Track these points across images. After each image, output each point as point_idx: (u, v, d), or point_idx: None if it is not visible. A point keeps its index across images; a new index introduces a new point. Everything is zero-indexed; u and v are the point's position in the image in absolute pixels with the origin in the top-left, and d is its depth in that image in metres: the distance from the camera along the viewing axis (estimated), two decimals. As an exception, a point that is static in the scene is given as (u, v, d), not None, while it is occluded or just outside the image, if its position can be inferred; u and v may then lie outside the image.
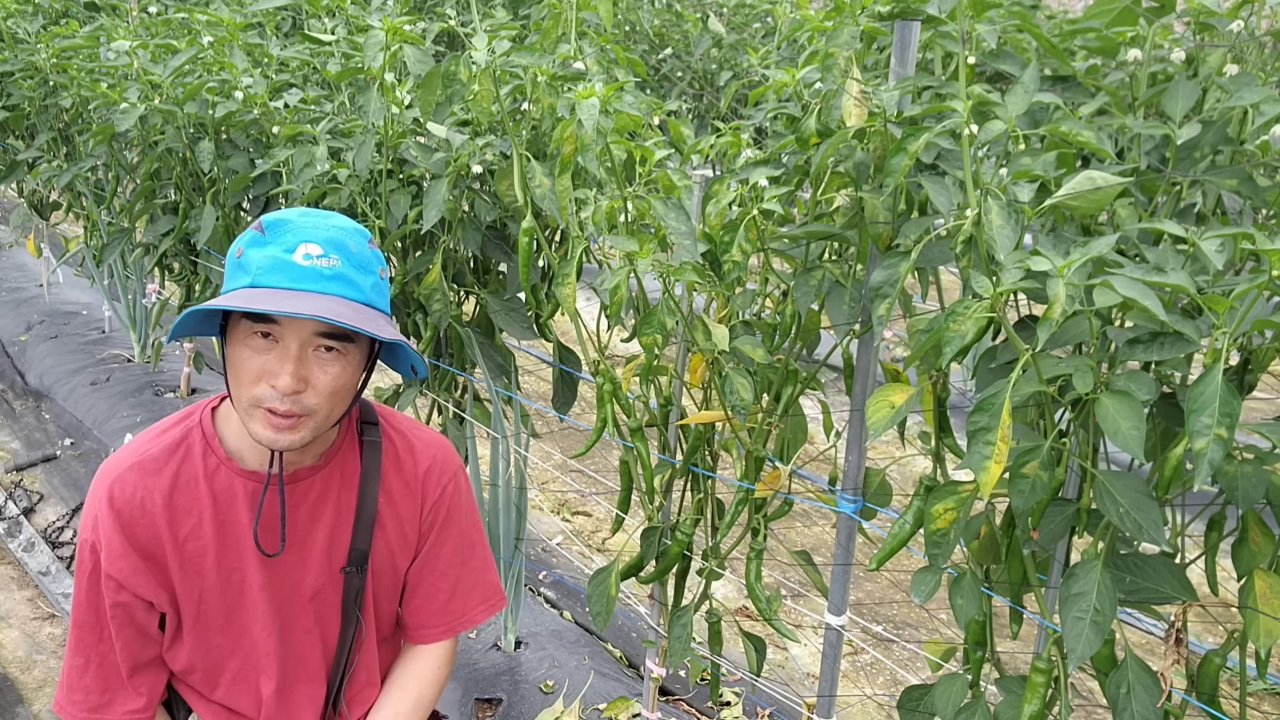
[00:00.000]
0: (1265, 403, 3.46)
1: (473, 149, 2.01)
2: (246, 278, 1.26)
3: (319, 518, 1.45)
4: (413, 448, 1.51)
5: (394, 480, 1.50)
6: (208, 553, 1.38)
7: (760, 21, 5.46)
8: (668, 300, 1.62)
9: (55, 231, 6.57)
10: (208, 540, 1.38)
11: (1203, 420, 1.09)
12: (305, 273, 1.26)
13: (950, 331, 1.23)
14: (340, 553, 1.47)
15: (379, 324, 1.27)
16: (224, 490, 1.39)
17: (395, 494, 1.50)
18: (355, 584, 1.48)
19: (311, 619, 1.48)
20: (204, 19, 2.74)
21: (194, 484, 1.37)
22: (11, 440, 4.33)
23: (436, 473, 1.51)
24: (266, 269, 1.26)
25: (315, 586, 1.46)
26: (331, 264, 1.27)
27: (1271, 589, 1.30)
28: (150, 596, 1.38)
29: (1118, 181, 1.17)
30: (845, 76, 1.48)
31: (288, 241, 1.27)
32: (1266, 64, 1.44)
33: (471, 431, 2.54)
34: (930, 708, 1.58)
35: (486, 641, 2.80)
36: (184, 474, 1.37)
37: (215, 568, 1.39)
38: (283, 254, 1.26)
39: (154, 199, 3.10)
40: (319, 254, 1.27)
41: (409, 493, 1.51)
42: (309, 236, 1.28)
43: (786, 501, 1.87)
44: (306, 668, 1.49)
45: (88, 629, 1.38)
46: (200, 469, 1.38)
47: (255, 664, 1.46)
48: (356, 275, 1.30)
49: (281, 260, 1.26)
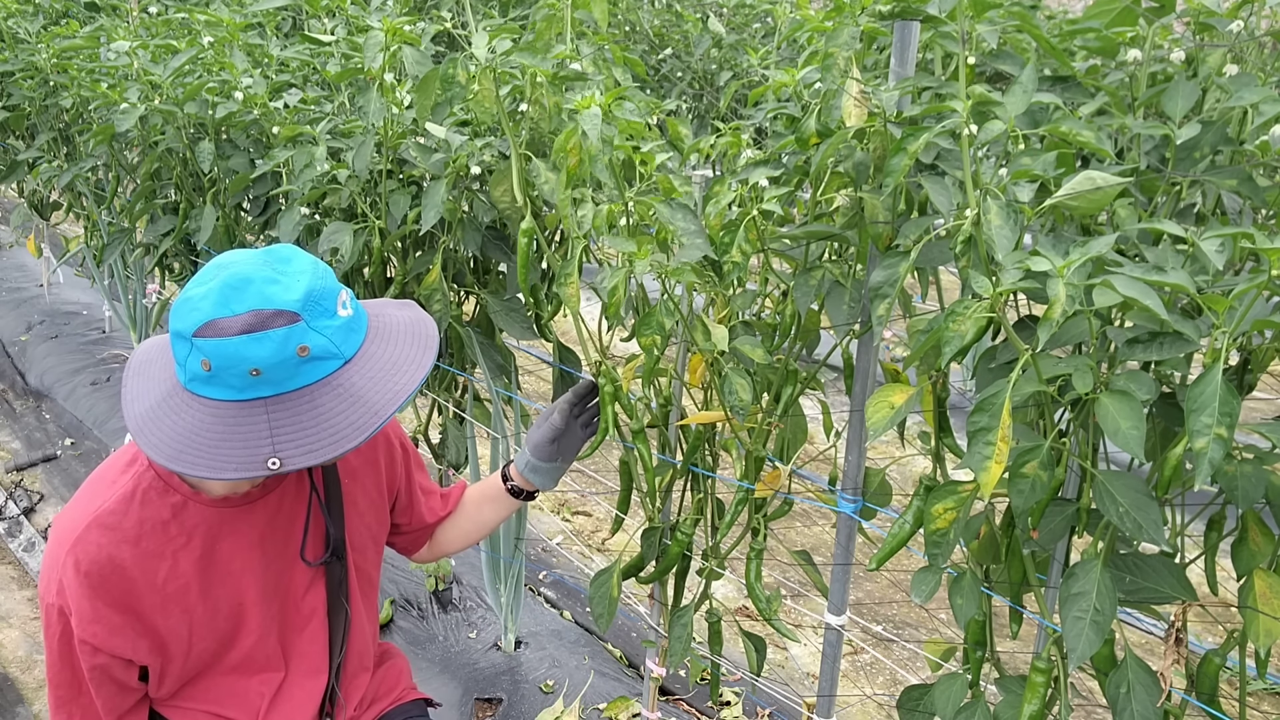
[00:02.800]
0: (1265, 403, 3.46)
1: (471, 149, 2.01)
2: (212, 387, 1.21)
3: (296, 518, 1.45)
4: None
5: (350, 460, 1.51)
6: (190, 589, 1.36)
7: (760, 21, 5.46)
8: (667, 301, 1.62)
9: (55, 231, 6.57)
10: (189, 577, 1.36)
11: (1203, 420, 1.09)
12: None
13: (950, 331, 1.23)
14: (319, 546, 1.47)
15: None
16: (197, 525, 1.36)
17: (356, 470, 1.52)
18: (337, 573, 1.49)
19: (307, 616, 1.48)
20: (204, 19, 2.73)
21: (161, 527, 1.34)
22: (12, 440, 4.33)
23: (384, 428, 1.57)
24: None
25: (306, 584, 1.47)
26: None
27: (1271, 589, 1.30)
28: (129, 654, 1.34)
29: (1117, 181, 1.17)
30: (845, 76, 1.48)
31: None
32: (1266, 64, 1.44)
33: (471, 431, 2.54)
34: (930, 707, 1.58)
35: (486, 641, 2.80)
36: (147, 519, 1.33)
37: (201, 600, 1.37)
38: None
39: (154, 199, 3.10)
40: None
41: (363, 459, 1.54)
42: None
43: (786, 501, 1.87)
44: (307, 663, 1.50)
45: (65, 686, 1.35)
46: (165, 510, 1.34)
47: (251, 673, 1.46)
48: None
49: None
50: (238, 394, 1.18)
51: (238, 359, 1.16)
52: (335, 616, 1.51)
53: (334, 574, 1.49)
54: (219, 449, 1.17)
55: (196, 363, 1.18)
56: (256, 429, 1.17)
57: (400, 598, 3.00)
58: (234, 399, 1.18)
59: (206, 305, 1.17)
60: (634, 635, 3.03)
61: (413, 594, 3.01)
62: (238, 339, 1.16)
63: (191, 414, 1.19)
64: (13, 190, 4.88)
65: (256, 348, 1.16)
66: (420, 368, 1.25)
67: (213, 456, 1.17)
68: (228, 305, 1.17)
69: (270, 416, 1.18)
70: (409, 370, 1.24)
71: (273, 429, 1.17)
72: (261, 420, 1.18)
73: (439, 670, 2.69)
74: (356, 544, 1.53)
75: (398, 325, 1.30)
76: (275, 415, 1.18)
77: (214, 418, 1.18)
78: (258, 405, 1.18)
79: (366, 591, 1.58)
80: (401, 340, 1.28)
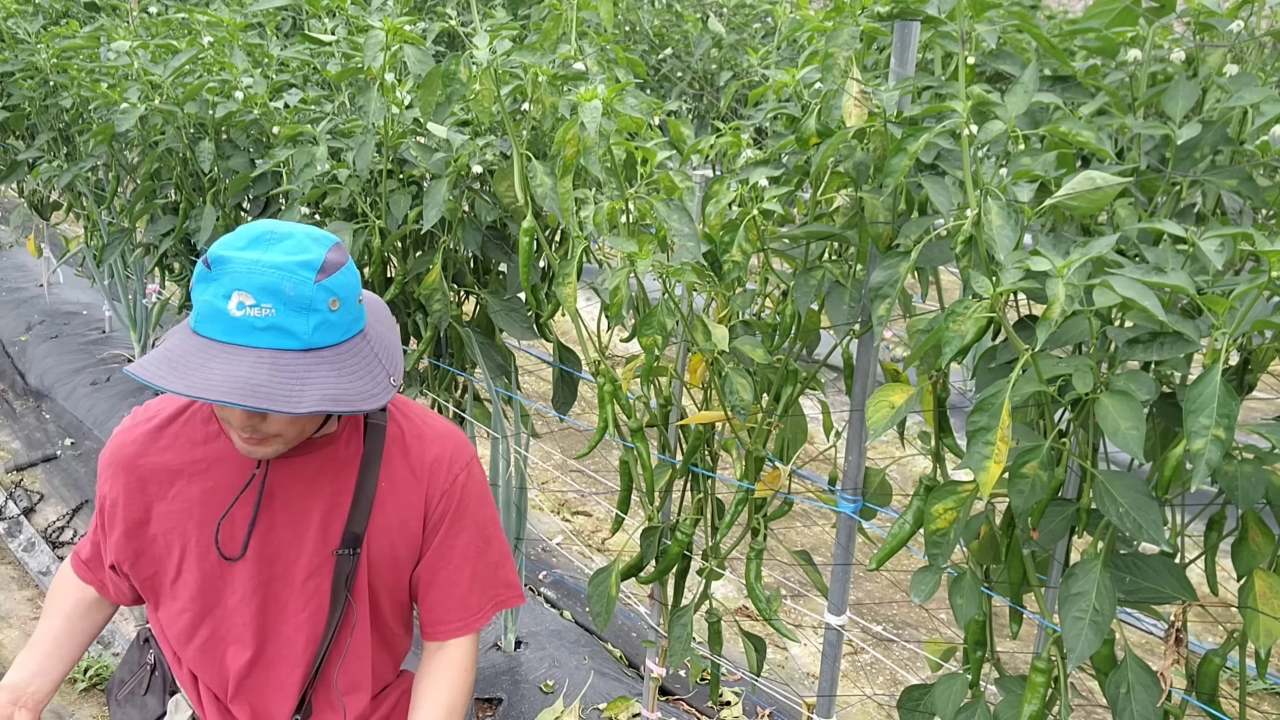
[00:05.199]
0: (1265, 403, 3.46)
1: (473, 149, 2.01)
2: (191, 318, 1.26)
3: (315, 494, 1.43)
4: (422, 434, 1.49)
5: (399, 465, 1.48)
6: (192, 515, 1.42)
7: (760, 21, 5.46)
8: (668, 300, 1.62)
9: (55, 231, 6.57)
10: (193, 503, 1.42)
11: (1201, 421, 1.09)
12: (237, 325, 1.22)
13: (950, 331, 1.23)
14: (335, 535, 1.45)
15: (307, 379, 1.23)
16: (220, 456, 1.42)
17: (399, 479, 1.48)
18: (347, 566, 1.45)
19: (301, 602, 1.45)
20: (204, 19, 2.74)
21: (190, 446, 1.43)
22: (12, 440, 4.33)
23: (446, 462, 1.48)
24: (204, 316, 1.23)
25: (309, 569, 1.44)
26: (264, 314, 1.22)
27: (1271, 589, 1.30)
28: (126, 543, 1.45)
29: (1117, 181, 1.17)
30: (845, 76, 1.48)
31: (224, 286, 1.23)
32: (1266, 64, 1.44)
33: (471, 431, 2.54)
34: (930, 707, 1.58)
35: (486, 641, 2.80)
36: (182, 435, 1.44)
37: (198, 531, 1.42)
38: (218, 301, 1.22)
39: (154, 199, 3.10)
40: (251, 304, 1.22)
41: (414, 480, 1.49)
42: (243, 284, 1.22)
43: (786, 501, 1.87)
44: (290, 650, 1.47)
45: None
46: (200, 434, 1.43)
47: (224, 636, 1.45)
48: (293, 321, 1.24)
49: (216, 309, 1.22)
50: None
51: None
52: (335, 609, 1.48)
53: (344, 566, 1.46)
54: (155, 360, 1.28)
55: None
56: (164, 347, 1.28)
57: (400, 598, 3.00)
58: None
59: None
60: (634, 635, 3.03)
61: (413, 594, 3.02)
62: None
63: None
64: (13, 190, 4.89)
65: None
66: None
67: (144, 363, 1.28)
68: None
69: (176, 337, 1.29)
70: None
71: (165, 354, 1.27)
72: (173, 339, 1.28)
73: (439, 670, 2.69)
74: (374, 556, 1.47)
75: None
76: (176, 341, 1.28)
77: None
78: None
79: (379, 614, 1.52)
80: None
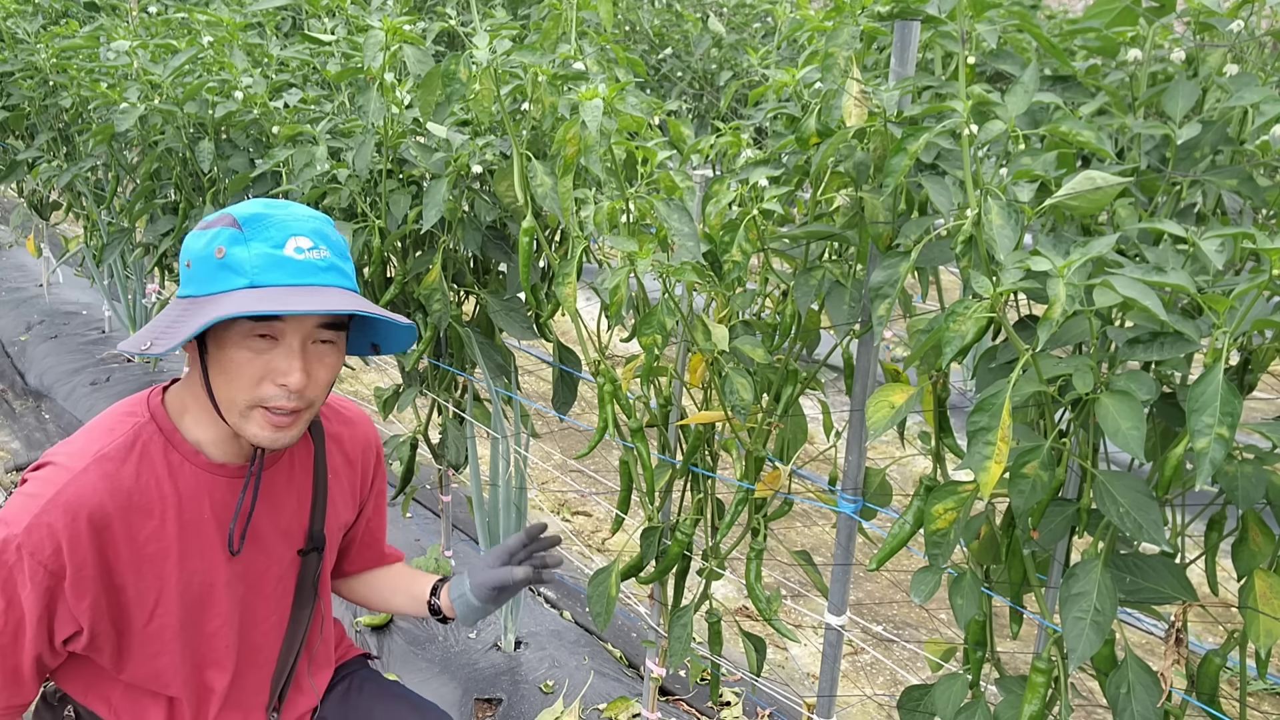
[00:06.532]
0: (1265, 403, 3.46)
1: (473, 149, 2.01)
2: (241, 278, 1.23)
3: (281, 506, 1.44)
4: (346, 420, 1.57)
5: (335, 454, 1.53)
6: (169, 554, 1.32)
7: (760, 21, 5.46)
8: (668, 300, 1.62)
9: (55, 231, 6.57)
10: (170, 541, 1.32)
11: (1204, 420, 1.09)
12: (303, 267, 1.24)
13: (950, 331, 1.23)
14: (297, 537, 1.47)
15: (376, 310, 1.30)
16: (190, 488, 1.33)
17: (339, 468, 1.54)
18: (314, 565, 1.49)
19: (271, 607, 1.46)
20: (204, 19, 2.73)
21: (155, 483, 1.31)
22: (11, 440, 4.33)
23: (373, 442, 1.60)
24: (263, 267, 1.23)
25: (278, 574, 1.46)
26: (323, 255, 1.27)
27: (1271, 589, 1.30)
28: (79, 612, 1.27)
29: (1118, 181, 1.17)
30: (845, 76, 1.48)
31: (274, 237, 1.24)
32: (1266, 64, 1.44)
33: (471, 431, 2.54)
34: (930, 708, 1.58)
35: (486, 641, 2.80)
36: (143, 472, 1.30)
37: (178, 569, 1.34)
38: (274, 250, 1.23)
39: (154, 199, 3.10)
40: (309, 246, 1.25)
41: (350, 466, 1.56)
42: (295, 230, 1.25)
43: (786, 501, 1.87)
44: (264, 655, 1.48)
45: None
46: (162, 467, 1.31)
47: (204, 662, 1.43)
48: (344, 263, 1.30)
49: (276, 257, 1.23)
50: (181, 288, 1.30)
51: (185, 250, 1.28)
52: (302, 609, 1.51)
53: (310, 566, 1.49)
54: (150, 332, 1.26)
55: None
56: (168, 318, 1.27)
57: (400, 598, 3.00)
58: (181, 294, 1.30)
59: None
60: (634, 635, 3.03)
61: (412, 594, 3.02)
62: (193, 232, 1.29)
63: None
64: (12, 190, 4.89)
65: (194, 240, 1.27)
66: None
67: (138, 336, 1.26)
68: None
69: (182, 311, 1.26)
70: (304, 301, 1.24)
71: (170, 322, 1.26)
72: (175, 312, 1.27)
73: (439, 670, 2.69)
74: (330, 545, 1.54)
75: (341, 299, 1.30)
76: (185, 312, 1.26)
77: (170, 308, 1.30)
78: (183, 301, 1.27)
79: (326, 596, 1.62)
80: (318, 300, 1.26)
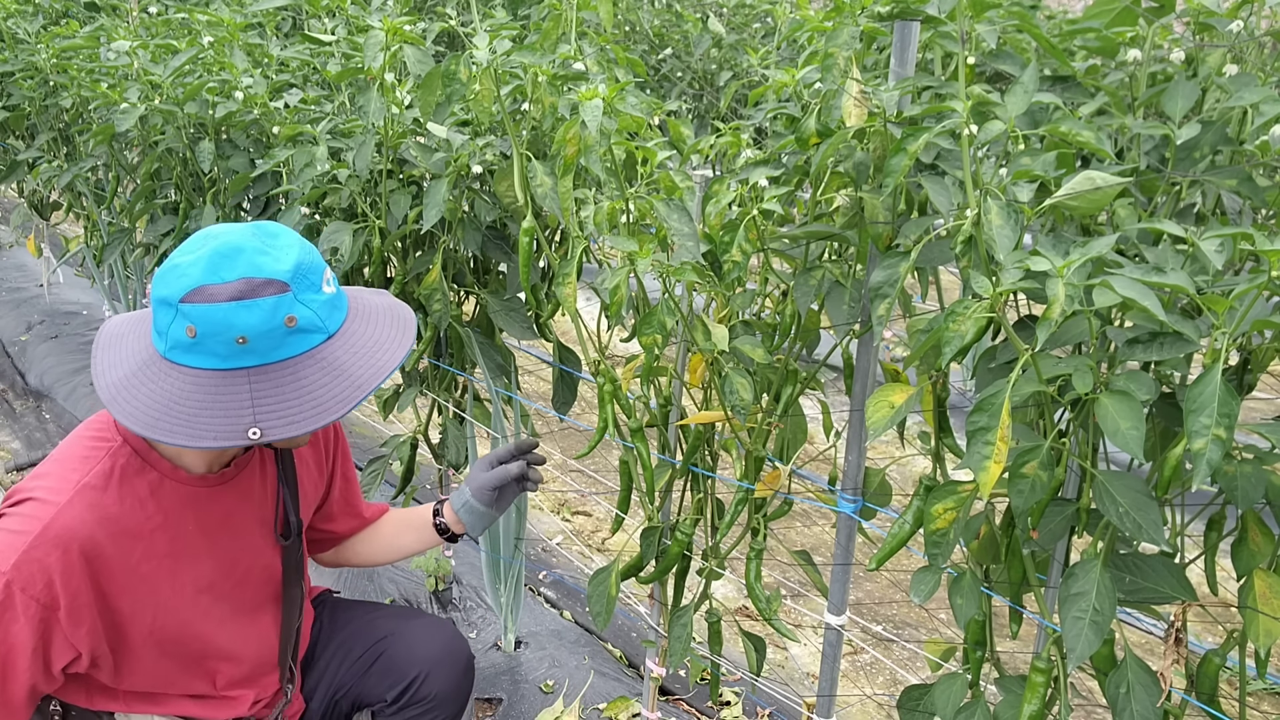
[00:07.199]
0: (1265, 403, 3.46)
1: (473, 149, 2.01)
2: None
3: (258, 499, 1.48)
4: None
5: None
6: (162, 570, 1.34)
7: (760, 21, 5.46)
8: (668, 300, 1.62)
9: (55, 231, 6.56)
10: (162, 558, 1.34)
11: (1201, 420, 1.09)
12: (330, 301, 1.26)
13: (950, 331, 1.23)
14: (276, 525, 1.51)
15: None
16: (173, 504, 1.34)
17: (304, 453, 1.57)
18: (296, 552, 1.52)
19: (265, 595, 1.52)
20: (204, 19, 2.74)
21: (139, 505, 1.31)
22: (12, 440, 4.33)
23: None
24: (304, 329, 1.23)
25: (265, 564, 1.50)
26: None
27: (1271, 589, 1.30)
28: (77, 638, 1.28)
29: (1117, 181, 1.17)
30: (845, 76, 1.48)
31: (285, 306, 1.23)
32: (1266, 64, 1.44)
33: (472, 431, 2.54)
34: (930, 707, 1.58)
35: (486, 641, 2.80)
36: (127, 496, 1.30)
37: (170, 581, 1.36)
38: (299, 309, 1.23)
39: (154, 199, 3.10)
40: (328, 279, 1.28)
41: (313, 446, 1.59)
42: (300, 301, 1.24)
43: (786, 501, 1.87)
44: (267, 640, 1.53)
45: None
46: (143, 488, 1.32)
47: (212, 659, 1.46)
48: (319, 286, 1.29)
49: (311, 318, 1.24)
50: (221, 362, 1.18)
51: (226, 326, 1.16)
52: (289, 602, 1.53)
53: (293, 554, 1.52)
54: (198, 417, 1.17)
55: (181, 330, 1.18)
56: (238, 398, 1.17)
57: (400, 597, 3.00)
58: (216, 368, 1.18)
59: (195, 271, 1.17)
60: (634, 635, 3.03)
61: (412, 594, 3.01)
62: (228, 305, 1.16)
63: (170, 382, 1.19)
64: (13, 190, 4.89)
65: (246, 315, 1.16)
66: (401, 347, 1.28)
67: (192, 425, 1.17)
68: (217, 273, 1.17)
69: (253, 386, 1.18)
70: (390, 348, 1.27)
71: (254, 399, 1.17)
72: (244, 390, 1.18)
73: (439, 670, 2.69)
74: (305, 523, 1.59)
75: (377, 308, 1.33)
76: (258, 385, 1.18)
77: (195, 386, 1.18)
78: (240, 375, 1.18)
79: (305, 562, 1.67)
80: (382, 321, 1.30)
